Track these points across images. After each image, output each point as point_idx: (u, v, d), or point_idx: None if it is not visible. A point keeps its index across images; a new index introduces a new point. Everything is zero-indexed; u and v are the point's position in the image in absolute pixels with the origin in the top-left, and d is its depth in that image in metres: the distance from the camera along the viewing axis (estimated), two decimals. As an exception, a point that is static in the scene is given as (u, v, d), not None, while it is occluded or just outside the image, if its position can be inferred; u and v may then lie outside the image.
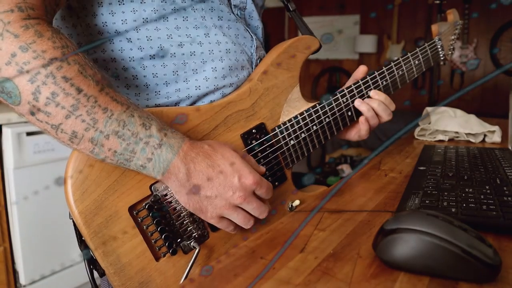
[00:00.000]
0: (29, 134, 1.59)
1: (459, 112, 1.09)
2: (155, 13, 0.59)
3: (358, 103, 0.76)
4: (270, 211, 0.57)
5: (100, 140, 0.48)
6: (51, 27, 0.48)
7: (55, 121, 0.47)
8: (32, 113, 0.47)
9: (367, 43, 4.38)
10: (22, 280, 1.63)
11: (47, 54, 0.46)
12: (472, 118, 1.04)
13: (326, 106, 0.73)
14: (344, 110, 0.75)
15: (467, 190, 0.56)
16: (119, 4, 0.58)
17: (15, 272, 1.65)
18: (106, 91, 0.49)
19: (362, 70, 0.79)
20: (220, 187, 0.53)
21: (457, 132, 1.01)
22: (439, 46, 0.90)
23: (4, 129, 1.55)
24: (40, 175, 1.63)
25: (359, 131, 0.78)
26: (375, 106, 0.76)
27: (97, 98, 0.48)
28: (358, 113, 0.77)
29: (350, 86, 0.76)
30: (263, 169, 0.59)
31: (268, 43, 0.77)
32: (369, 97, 0.77)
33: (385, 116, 0.77)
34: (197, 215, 0.55)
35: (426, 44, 0.88)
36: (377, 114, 0.76)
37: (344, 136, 0.81)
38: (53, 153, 1.67)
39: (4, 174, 1.58)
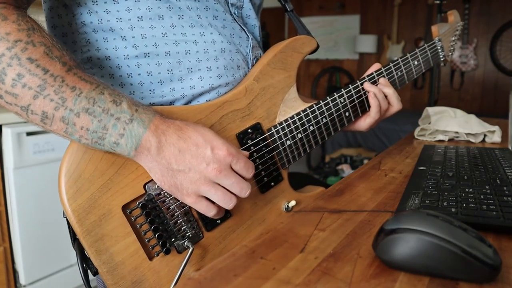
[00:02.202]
0: (29, 134, 1.59)
1: (459, 112, 1.09)
2: (149, 11, 0.59)
3: (368, 85, 0.77)
4: (251, 190, 0.55)
5: (71, 119, 0.48)
6: (18, 11, 0.49)
7: (23, 102, 0.47)
8: (0, 96, 0.47)
9: (367, 43, 4.39)
10: (22, 280, 1.63)
11: (11, 37, 0.46)
12: (472, 118, 1.04)
13: (324, 107, 0.73)
14: (342, 110, 0.75)
15: (467, 190, 0.56)
16: (114, 2, 0.58)
17: (15, 272, 1.65)
18: (74, 72, 0.49)
19: (375, 66, 0.81)
20: (193, 159, 0.51)
21: (457, 132, 1.01)
22: (439, 47, 0.90)
23: (4, 129, 1.55)
24: (40, 175, 1.63)
25: (369, 114, 0.78)
26: (390, 92, 0.77)
27: (65, 77, 0.48)
28: (358, 110, 0.77)
29: (348, 87, 0.76)
30: (246, 153, 0.57)
31: (268, 43, 0.77)
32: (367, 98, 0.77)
33: (397, 105, 0.78)
34: (174, 195, 0.54)
35: (425, 45, 0.88)
36: (389, 102, 0.78)
37: (354, 127, 0.81)
38: (53, 153, 1.67)
39: (4, 174, 1.58)
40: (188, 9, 0.62)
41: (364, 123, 0.79)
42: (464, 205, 0.50)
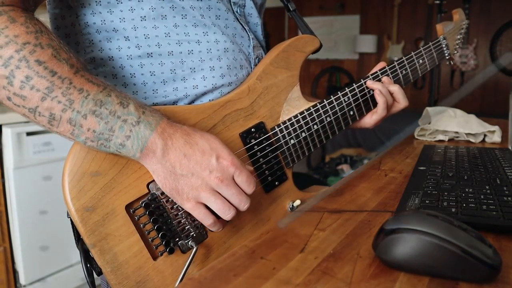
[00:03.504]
0: (29, 134, 1.59)
1: (459, 112, 1.09)
2: (152, 11, 0.59)
3: (370, 83, 0.77)
4: (249, 205, 0.55)
5: (78, 120, 0.49)
6: (26, 13, 0.49)
7: (31, 104, 0.47)
8: (9, 98, 0.47)
9: (367, 43, 4.39)
10: (22, 280, 1.63)
11: (19, 39, 0.46)
12: (472, 118, 1.04)
13: (328, 106, 0.73)
14: (346, 109, 0.75)
15: (467, 190, 0.56)
16: (117, 3, 0.58)
17: (15, 272, 1.65)
18: (81, 74, 0.50)
19: (380, 65, 0.81)
20: (197, 165, 0.52)
21: (457, 132, 1.01)
22: (444, 46, 0.91)
23: (4, 129, 1.55)
24: (40, 175, 1.63)
25: (376, 111, 0.78)
26: (395, 89, 0.77)
27: (72, 80, 0.48)
28: (363, 109, 0.77)
29: (352, 85, 0.76)
30: (250, 168, 0.58)
31: (268, 43, 0.77)
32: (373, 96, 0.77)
33: (403, 101, 0.78)
34: (174, 199, 0.54)
35: (430, 44, 0.88)
36: (394, 99, 0.78)
37: (359, 124, 0.81)
38: (53, 153, 1.67)
39: (4, 174, 1.58)
40: (192, 8, 0.62)
41: (371, 119, 0.79)
42: (464, 205, 0.50)
